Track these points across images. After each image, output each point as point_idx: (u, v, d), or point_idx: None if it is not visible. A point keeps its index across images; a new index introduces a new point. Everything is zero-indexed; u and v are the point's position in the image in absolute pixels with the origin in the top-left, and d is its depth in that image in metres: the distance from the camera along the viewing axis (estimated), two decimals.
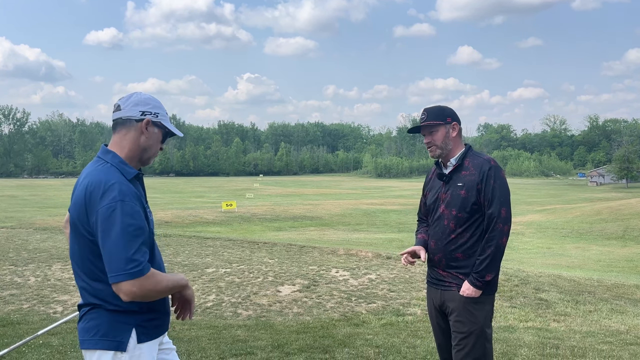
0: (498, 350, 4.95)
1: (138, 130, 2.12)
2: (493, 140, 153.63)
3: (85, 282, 2.02)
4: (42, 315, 6.58)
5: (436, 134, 2.97)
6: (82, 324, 2.06)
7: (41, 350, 4.86)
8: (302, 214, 31.85)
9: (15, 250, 11.59)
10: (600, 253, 19.56)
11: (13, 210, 29.44)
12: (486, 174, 2.84)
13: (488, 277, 2.78)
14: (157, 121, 2.15)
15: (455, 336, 2.86)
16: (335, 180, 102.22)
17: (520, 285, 8.50)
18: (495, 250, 2.79)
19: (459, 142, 3.01)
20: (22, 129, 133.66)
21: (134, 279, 1.87)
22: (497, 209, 2.80)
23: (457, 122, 3.01)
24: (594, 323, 6.54)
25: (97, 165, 2.06)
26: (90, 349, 2.01)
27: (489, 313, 2.87)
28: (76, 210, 2.00)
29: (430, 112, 3.01)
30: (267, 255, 11.47)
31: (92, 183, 1.97)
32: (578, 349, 5.08)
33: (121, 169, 2.04)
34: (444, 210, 2.93)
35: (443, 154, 2.98)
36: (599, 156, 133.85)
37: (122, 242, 1.88)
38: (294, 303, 7.42)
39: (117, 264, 1.87)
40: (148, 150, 2.15)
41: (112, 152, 2.09)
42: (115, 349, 1.97)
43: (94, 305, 2.01)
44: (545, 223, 30.39)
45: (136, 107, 2.12)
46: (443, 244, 2.91)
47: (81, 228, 1.98)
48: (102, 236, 1.90)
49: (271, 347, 5.03)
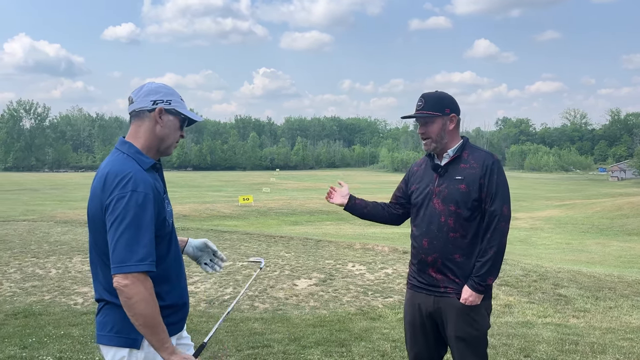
0: (516, 346, 4.91)
1: (152, 120, 2.08)
2: (512, 134, 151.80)
3: (101, 276, 2.01)
4: (63, 306, 6.70)
5: (432, 125, 2.72)
6: (99, 318, 2.05)
7: (62, 340, 4.95)
8: (319, 208, 31.87)
9: (37, 243, 11.80)
10: (621, 249, 19.24)
11: (34, 204, 29.94)
12: (490, 168, 2.64)
13: (490, 280, 2.61)
14: (171, 108, 2.10)
15: (455, 345, 2.66)
16: (351, 175, 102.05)
17: (538, 280, 8.41)
18: (497, 251, 2.60)
19: (456, 134, 2.77)
20: (42, 123, 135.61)
21: (131, 272, 1.82)
22: (499, 206, 2.62)
23: (456, 113, 2.76)
24: (614, 319, 6.45)
25: (113, 156, 2.04)
26: (106, 345, 2.01)
27: (488, 317, 2.72)
28: (93, 202, 1.98)
29: (428, 100, 2.74)
30: (284, 249, 11.51)
31: (107, 173, 1.94)
32: (598, 345, 5.01)
33: (137, 159, 2.01)
34: (440, 206, 2.69)
35: (438, 147, 2.75)
36: (620, 150, 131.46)
37: (128, 234, 1.84)
38: (310, 297, 7.44)
39: (119, 256, 1.83)
40: (166, 140, 2.11)
41: (129, 142, 2.07)
42: (130, 346, 1.96)
43: (108, 301, 2.00)
44: (564, 218, 29.99)
45: (147, 97, 2.08)
46: (441, 243, 2.66)
47: (97, 220, 1.95)
48: (110, 225, 1.86)
49: (288, 340, 5.06)
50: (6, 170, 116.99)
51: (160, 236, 2.01)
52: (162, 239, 2.04)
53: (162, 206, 2.01)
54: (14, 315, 6.05)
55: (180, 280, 2.15)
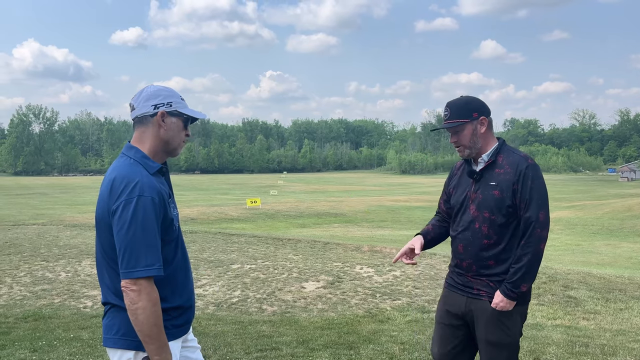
0: (525, 348, 4.88)
1: (155, 124, 2.10)
2: (520, 135, 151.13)
3: (107, 280, 2.03)
4: (72, 309, 6.74)
5: (462, 132, 2.65)
6: (105, 321, 2.07)
7: (72, 344, 4.98)
8: (326, 211, 31.86)
9: (46, 247, 11.88)
10: (632, 250, 19.06)
11: (44, 208, 30.16)
12: (523, 173, 2.56)
13: (523, 287, 2.53)
14: (173, 110, 2.12)
15: (485, 349, 2.63)
16: (359, 177, 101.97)
17: (548, 282, 8.36)
18: (532, 258, 2.52)
19: (490, 136, 2.69)
20: (52, 128, 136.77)
21: (139, 278, 1.87)
22: (535, 212, 2.53)
23: (486, 115, 2.68)
24: (625, 321, 6.39)
25: (120, 161, 2.06)
26: (112, 347, 2.03)
27: (521, 324, 2.65)
28: (100, 206, 2.01)
29: (454, 108, 2.67)
30: (292, 251, 11.52)
31: (114, 178, 1.97)
32: (608, 347, 4.97)
33: (144, 164, 2.04)
34: (474, 212, 2.65)
35: (473, 153, 2.68)
36: (630, 151, 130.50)
37: (136, 239, 1.87)
38: (318, 299, 7.43)
39: (127, 261, 1.87)
40: (171, 142, 2.13)
41: (135, 147, 2.09)
42: (136, 348, 1.98)
43: (114, 304, 2.01)
44: (574, 219, 29.77)
45: (148, 102, 2.10)
46: (475, 249, 2.64)
47: (104, 224, 1.98)
48: (117, 230, 1.89)
49: (296, 343, 5.05)
50: (16, 174, 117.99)
51: (166, 240, 2.03)
52: (169, 243, 2.06)
53: (168, 210, 2.03)
54: (24, 319, 6.09)
55: (188, 283, 2.16)
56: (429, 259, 10.43)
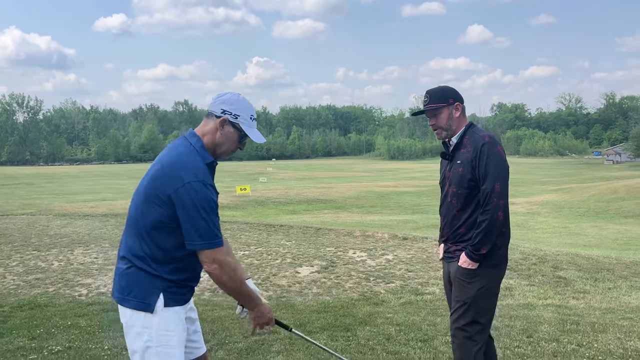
0: (518, 327, 4.99)
1: (216, 125, 2.32)
2: (507, 120, 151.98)
3: (134, 241, 2.24)
4: (68, 298, 6.74)
5: (440, 116, 3.04)
6: (118, 279, 2.27)
7: (70, 331, 5.00)
8: (316, 197, 31.93)
9: (37, 236, 11.81)
10: (618, 232, 19.38)
11: (31, 198, 29.86)
12: (479, 150, 2.90)
13: (483, 250, 2.87)
14: (235, 122, 2.32)
15: (454, 305, 3.04)
16: (348, 163, 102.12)
17: (538, 263, 8.50)
18: (489, 224, 2.85)
19: (462, 121, 3.07)
20: (36, 117, 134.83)
21: (217, 247, 2.19)
22: (490, 184, 2.86)
23: (460, 101, 3.07)
24: (614, 300, 6.54)
25: (182, 145, 2.26)
26: (123, 306, 2.24)
27: (486, 287, 2.94)
28: (154, 181, 2.19)
29: (433, 95, 3.07)
30: (284, 237, 11.57)
31: (176, 161, 2.19)
32: (598, 325, 5.10)
33: (201, 154, 2.27)
34: (448, 189, 3.05)
35: (448, 134, 3.06)
36: (615, 134, 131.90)
37: (207, 217, 2.15)
38: (313, 284, 7.51)
39: (203, 234, 2.15)
40: (221, 146, 2.34)
41: (197, 136, 2.32)
42: (145, 310, 2.19)
43: (132, 264, 2.22)
44: (561, 202, 30.14)
45: (221, 105, 2.33)
46: (449, 220, 3.06)
47: (154, 197, 2.17)
48: (186, 211, 2.13)
49: (294, 326, 5.10)
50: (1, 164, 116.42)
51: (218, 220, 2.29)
52: None
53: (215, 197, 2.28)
54: (20, 308, 6.09)
55: (196, 266, 2.33)
56: (421, 242, 10.55)
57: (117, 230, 12.72)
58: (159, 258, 2.21)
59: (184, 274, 2.28)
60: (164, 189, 2.15)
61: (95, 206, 21.22)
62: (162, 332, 2.21)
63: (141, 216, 2.22)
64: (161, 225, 2.18)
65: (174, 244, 2.20)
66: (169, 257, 2.22)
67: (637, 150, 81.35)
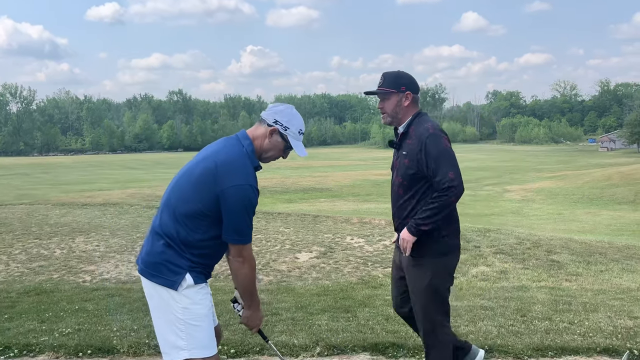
0: (513, 307, 5.16)
1: (266, 132, 2.50)
2: (502, 107, 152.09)
3: (169, 222, 2.42)
4: (72, 284, 6.87)
5: (388, 101, 2.98)
6: (147, 254, 2.46)
7: (78, 314, 5.14)
8: (312, 186, 32.07)
9: (37, 225, 11.91)
10: (611, 218, 19.65)
11: (26, 188, 29.87)
12: (424, 143, 2.84)
13: (423, 227, 2.82)
14: (284, 134, 2.51)
15: (410, 295, 3.05)
16: (343, 152, 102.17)
17: (532, 248, 8.69)
18: (439, 206, 2.79)
19: (411, 111, 2.99)
20: (29, 107, 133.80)
21: (247, 244, 2.43)
22: (444, 174, 2.79)
23: (412, 91, 2.98)
24: (605, 282, 6.72)
25: (234, 146, 2.48)
26: (151, 281, 2.43)
27: (436, 275, 2.93)
28: (207, 176, 2.38)
29: (387, 78, 3.00)
30: (283, 225, 11.71)
31: (230, 163, 2.40)
32: (590, 304, 5.27)
33: (251, 158, 2.47)
34: (396, 178, 3.03)
35: (393, 122, 3.02)
36: (610, 121, 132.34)
37: (247, 217, 2.39)
38: (312, 269, 7.66)
39: (241, 232, 2.39)
40: (267, 152, 2.53)
41: (249, 139, 2.50)
42: (170, 286, 2.38)
43: (164, 241, 2.41)
44: (555, 189, 30.42)
45: (274, 114, 2.52)
46: (396, 210, 3.04)
47: (204, 190, 2.35)
48: (230, 208, 2.36)
49: (295, 308, 5.27)
50: None
51: None
52: None
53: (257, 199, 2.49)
54: (26, 293, 6.21)
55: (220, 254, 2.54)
56: None
57: (116, 219, 12.84)
58: (189, 242, 2.39)
59: (208, 259, 2.48)
60: (215, 186, 2.34)
61: (92, 196, 21.28)
62: (188, 306, 2.40)
63: (182, 202, 2.41)
64: (199, 215, 2.37)
65: (205, 232, 2.40)
66: (198, 243, 2.41)
67: (631, 137, 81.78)
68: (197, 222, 2.39)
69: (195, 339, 2.42)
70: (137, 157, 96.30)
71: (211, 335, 2.51)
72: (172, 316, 2.42)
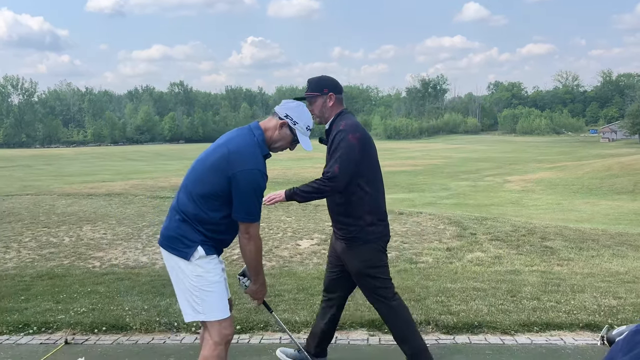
0: (504, 289, 5.42)
1: (276, 125, 2.82)
2: (504, 98, 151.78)
3: (186, 200, 2.73)
4: (82, 269, 7.13)
5: (315, 103, 3.33)
6: (166, 229, 2.77)
7: (91, 296, 5.42)
8: (314, 177, 31.97)
9: (45, 214, 12.18)
10: (610, 207, 19.85)
11: (30, 180, 30.14)
12: (334, 138, 3.24)
13: (296, 197, 3.25)
14: (293, 128, 2.83)
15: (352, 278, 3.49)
16: None
17: (527, 235, 8.93)
18: (316, 187, 3.21)
19: (335, 109, 3.35)
20: (31, 99, 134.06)
21: (255, 222, 2.74)
22: (331, 166, 3.19)
23: (335, 92, 3.33)
24: (595, 266, 6.97)
25: (246, 135, 2.78)
26: (168, 252, 2.76)
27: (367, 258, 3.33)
28: (221, 162, 2.66)
29: (311, 83, 3.38)
30: (285, 214, 11.97)
31: (243, 149, 2.69)
32: (578, 286, 5.53)
33: (261, 147, 2.77)
34: None
35: (322, 121, 3.38)
36: (611, 112, 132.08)
37: (255, 199, 2.69)
38: (313, 255, 7.93)
39: (249, 211, 2.68)
40: (276, 143, 2.85)
41: (261, 130, 2.80)
42: (183, 257, 2.70)
43: (181, 217, 2.72)
44: (555, 180, 30.61)
45: (286, 110, 2.84)
46: (329, 204, 3.43)
47: (219, 173, 2.65)
48: (240, 190, 2.65)
49: (297, 290, 5.54)
50: None
51: None
52: None
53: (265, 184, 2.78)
54: (39, 277, 6.49)
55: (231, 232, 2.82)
56: (416, 217, 10.97)
57: (121, 209, 13.11)
58: (202, 219, 2.71)
59: (220, 235, 2.80)
60: (228, 170, 2.64)
61: (95, 187, 21.54)
62: (201, 274, 2.72)
63: (199, 184, 2.72)
64: (213, 195, 2.67)
65: (217, 211, 2.70)
66: (211, 220, 2.72)
67: (632, 128, 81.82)
68: (211, 201, 2.69)
69: (208, 303, 2.74)
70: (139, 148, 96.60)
71: (224, 299, 2.81)
72: (188, 284, 2.73)
